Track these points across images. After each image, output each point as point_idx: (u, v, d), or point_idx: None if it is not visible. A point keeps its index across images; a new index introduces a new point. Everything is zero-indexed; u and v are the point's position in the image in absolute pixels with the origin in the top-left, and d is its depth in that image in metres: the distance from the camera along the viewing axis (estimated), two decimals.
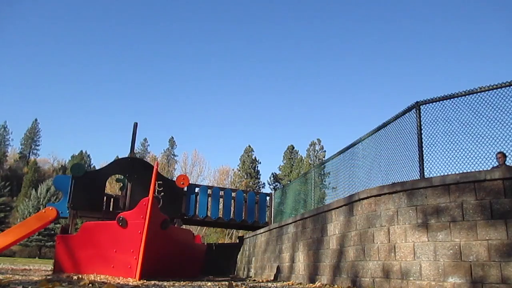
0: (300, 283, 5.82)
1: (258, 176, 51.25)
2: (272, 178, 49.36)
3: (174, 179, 9.45)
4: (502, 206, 3.50)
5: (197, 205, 10.06)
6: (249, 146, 52.26)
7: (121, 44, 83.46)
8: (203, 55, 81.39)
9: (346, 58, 79.07)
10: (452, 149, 4.36)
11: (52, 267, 7.55)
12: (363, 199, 4.69)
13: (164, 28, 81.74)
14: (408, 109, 4.85)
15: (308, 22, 79.00)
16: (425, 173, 4.53)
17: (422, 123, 4.66)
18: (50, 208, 8.14)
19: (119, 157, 15.85)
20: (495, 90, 4.10)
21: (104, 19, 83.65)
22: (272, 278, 7.40)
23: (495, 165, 4.60)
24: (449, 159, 4.37)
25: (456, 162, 4.30)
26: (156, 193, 7.64)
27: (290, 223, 7.02)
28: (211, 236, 37.43)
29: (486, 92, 4.15)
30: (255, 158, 51.64)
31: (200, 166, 46.18)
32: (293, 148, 53.70)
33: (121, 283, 4.46)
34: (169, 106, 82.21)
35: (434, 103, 4.57)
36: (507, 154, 4.02)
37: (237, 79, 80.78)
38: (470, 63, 71.96)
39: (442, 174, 4.21)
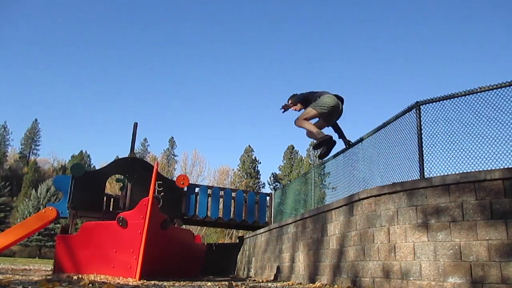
0: (300, 283, 5.82)
1: (258, 176, 51.27)
2: (272, 178, 49.33)
3: (174, 179, 9.44)
4: (502, 206, 3.50)
5: (197, 205, 10.05)
6: (249, 146, 52.29)
7: (121, 44, 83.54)
8: (203, 55, 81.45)
9: (346, 58, 79.13)
10: (452, 149, 4.36)
11: (52, 267, 7.55)
12: (363, 199, 4.69)
13: (163, 28, 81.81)
14: (408, 109, 4.85)
15: (308, 22, 79.08)
16: (425, 173, 4.53)
17: (422, 123, 4.66)
18: (50, 208, 8.13)
19: (119, 157, 15.84)
20: (495, 90, 4.09)
21: (104, 20, 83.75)
22: (272, 278, 7.40)
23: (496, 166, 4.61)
24: (449, 159, 4.37)
25: (456, 162, 4.29)
26: (156, 193, 7.65)
27: (290, 223, 7.02)
28: (211, 236, 37.45)
29: (486, 92, 4.15)
30: (255, 158, 51.67)
31: (200, 166, 46.27)
32: (293, 148, 53.71)
33: (121, 283, 4.46)
34: (169, 106, 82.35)
35: (434, 103, 4.57)
36: (507, 154, 4.02)
37: (237, 79, 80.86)
38: (470, 63, 72.01)
39: (442, 174, 4.21)
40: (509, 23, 68.62)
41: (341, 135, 5.67)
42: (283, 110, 5.54)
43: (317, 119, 5.32)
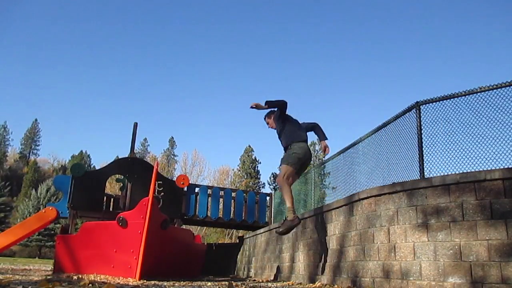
0: (300, 283, 5.81)
1: (258, 176, 51.23)
2: (272, 178, 49.30)
3: (174, 179, 9.44)
4: (502, 206, 3.50)
5: (197, 205, 10.05)
6: (249, 146, 52.26)
7: (121, 44, 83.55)
8: (203, 55, 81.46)
9: (346, 58, 79.14)
10: (452, 149, 4.36)
11: (52, 267, 7.54)
12: (363, 199, 4.68)
13: (164, 28, 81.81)
14: (408, 109, 4.86)
15: (307, 22, 79.10)
16: (425, 173, 4.53)
17: (422, 123, 4.66)
18: (50, 208, 8.13)
19: (119, 157, 15.84)
20: (495, 90, 4.09)
21: (104, 20, 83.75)
22: (272, 278, 7.40)
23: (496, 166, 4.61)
24: (449, 159, 4.37)
25: (456, 162, 4.30)
26: (156, 193, 7.64)
27: None
28: (211, 236, 37.46)
29: (486, 92, 4.15)
30: (255, 158, 51.64)
31: (200, 166, 46.35)
32: None
33: (121, 283, 4.46)
34: (169, 106, 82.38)
35: (434, 103, 4.57)
36: (507, 154, 4.02)
37: (237, 79, 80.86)
38: (470, 63, 72.02)
39: (442, 174, 4.21)
40: (509, 23, 68.64)
41: (323, 138, 5.41)
42: (253, 106, 5.04)
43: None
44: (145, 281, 4.92)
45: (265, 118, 5.51)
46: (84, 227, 6.32)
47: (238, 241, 11.28)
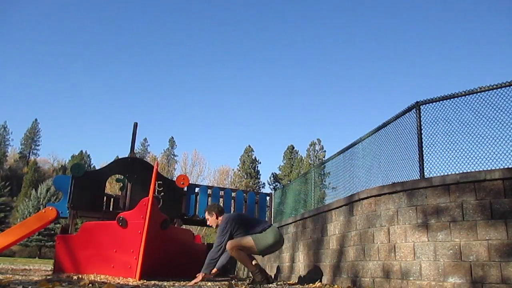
0: (300, 283, 5.82)
1: (258, 176, 51.31)
2: (272, 178, 49.36)
3: (174, 179, 9.44)
4: (502, 206, 3.50)
5: (197, 205, 10.04)
6: (249, 146, 52.33)
7: (121, 44, 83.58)
8: (203, 55, 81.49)
9: (346, 58, 79.14)
10: (452, 149, 4.35)
11: (52, 267, 7.54)
12: (363, 199, 4.69)
13: (163, 28, 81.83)
14: (408, 109, 4.85)
15: (308, 22, 79.12)
16: (425, 173, 4.53)
17: (422, 123, 4.66)
18: (50, 208, 8.12)
19: (119, 157, 15.82)
20: (495, 90, 4.09)
21: (104, 20, 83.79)
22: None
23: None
24: (449, 159, 4.36)
25: (456, 162, 4.29)
26: (156, 193, 7.64)
27: (290, 223, 7.02)
28: (211, 236, 37.47)
29: (486, 92, 4.14)
30: (255, 158, 51.72)
31: (200, 166, 46.37)
32: (293, 148, 53.75)
33: (121, 283, 4.46)
34: (169, 106, 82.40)
35: (434, 103, 4.57)
36: (507, 154, 4.01)
37: (237, 79, 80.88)
38: (470, 63, 72.03)
39: (442, 174, 4.20)
40: (509, 23, 68.70)
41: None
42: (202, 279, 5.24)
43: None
44: (145, 281, 4.92)
45: (204, 212, 5.70)
46: (84, 227, 6.32)
47: None
